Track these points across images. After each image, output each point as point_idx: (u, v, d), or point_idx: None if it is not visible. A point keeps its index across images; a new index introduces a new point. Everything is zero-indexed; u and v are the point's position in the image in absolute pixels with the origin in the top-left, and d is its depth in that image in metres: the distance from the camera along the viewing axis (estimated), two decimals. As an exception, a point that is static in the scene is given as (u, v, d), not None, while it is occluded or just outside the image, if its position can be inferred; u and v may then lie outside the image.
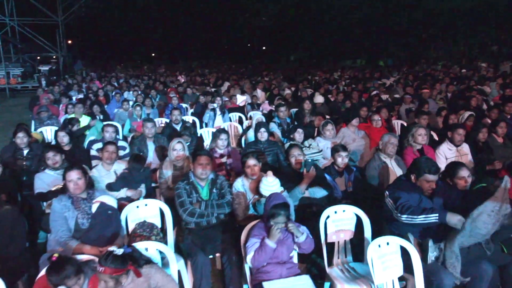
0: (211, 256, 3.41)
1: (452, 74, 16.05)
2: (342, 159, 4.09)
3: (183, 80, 16.35)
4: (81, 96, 11.32)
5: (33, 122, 10.18)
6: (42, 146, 5.08)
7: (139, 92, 11.06)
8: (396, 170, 4.27)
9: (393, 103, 9.10)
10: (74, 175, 3.18)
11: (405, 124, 7.04)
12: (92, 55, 39.87)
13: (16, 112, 14.94)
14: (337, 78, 18.15)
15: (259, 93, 11.45)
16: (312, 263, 3.53)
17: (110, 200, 3.29)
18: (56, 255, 2.45)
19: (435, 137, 6.09)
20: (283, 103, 6.94)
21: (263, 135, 5.04)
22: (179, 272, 3.07)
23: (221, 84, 15.23)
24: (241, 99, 9.58)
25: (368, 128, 5.84)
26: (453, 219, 2.77)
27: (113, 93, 10.84)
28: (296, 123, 6.56)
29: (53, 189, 3.88)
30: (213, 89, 13.20)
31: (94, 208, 3.20)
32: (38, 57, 24.83)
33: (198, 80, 17.76)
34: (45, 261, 2.86)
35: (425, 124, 5.80)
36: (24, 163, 4.78)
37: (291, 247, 2.94)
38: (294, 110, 8.39)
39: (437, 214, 2.82)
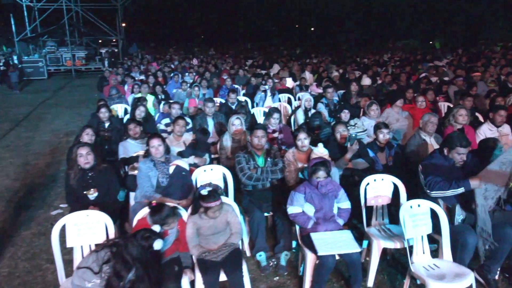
0: (265, 214, 4.02)
1: (510, 56, 15.41)
2: (383, 135, 4.51)
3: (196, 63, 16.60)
4: (142, 77, 12.28)
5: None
6: (120, 120, 5.92)
7: (194, 74, 11.86)
8: (435, 147, 4.62)
9: (441, 85, 9.16)
10: (155, 142, 3.89)
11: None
12: (147, 38, 41.42)
13: (82, 92, 16.34)
14: (387, 61, 17.98)
15: (308, 75, 11.83)
16: (353, 227, 4.06)
17: (183, 164, 3.98)
18: (154, 201, 3.15)
19: (481, 119, 6.26)
20: (330, 84, 7.35)
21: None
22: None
23: (270, 66, 15.70)
24: (290, 82, 10.05)
25: (412, 109, 6.14)
26: (475, 183, 3.17)
27: (171, 74, 11.71)
28: (342, 103, 6.96)
29: (134, 155, 4.66)
30: (263, 71, 13.72)
31: (171, 169, 3.90)
32: (100, 41, 26.46)
33: (242, 62, 18.31)
34: (136, 209, 3.61)
35: (469, 106, 5.99)
36: (106, 134, 5.61)
37: (332, 201, 3.47)
38: (341, 91, 8.76)
39: (462, 188, 3.23)
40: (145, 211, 3.28)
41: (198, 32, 53.96)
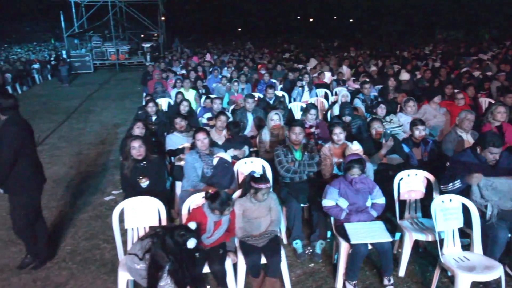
0: (302, 205, 4.27)
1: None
2: (419, 132, 4.61)
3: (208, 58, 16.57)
4: (183, 71, 12.76)
5: (144, 95, 11.87)
6: (167, 114, 6.34)
7: (233, 68, 12.18)
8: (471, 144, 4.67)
9: (484, 81, 8.97)
10: (201, 135, 4.22)
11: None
12: (185, 31, 42.26)
13: (126, 85, 17.11)
14: (428, 54, 17.54)
15: (345, 69, 11.86)
16: (386, 220, 4.23)
17: (226, 156, 4.30)
18: (211, 190, 3.47)
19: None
20: (367, 80, 7.43)
21: (346, 118, 5.70)
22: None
23: (307, 60, 15.75)
24: (328, 77, 10.15)
25: (450, 106, 6.14)
26: (470, 179, 3.35)
27: (211, 69, 12.10)
28: (379, 99, 7.04)
29: (180, 147, 5.03)
30: (300, 66, 13.83)
31: (215, 161, 4.22)
32: (142, 35, 27.40)
33: (280, 56, 18.40)
34: (183, 197, 3.96)
35: (510, 103, 5.92)
36: (153, 127, 6.03)
37: (366, 196, 3.66)
38: (379, 86, 8.79)
39: (459, 180, 3.45)
40: (197, 200, 3.62)
41: (235, 24, 54.40)
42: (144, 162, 4.09)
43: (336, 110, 6.72)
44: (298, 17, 55.88)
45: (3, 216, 5.03)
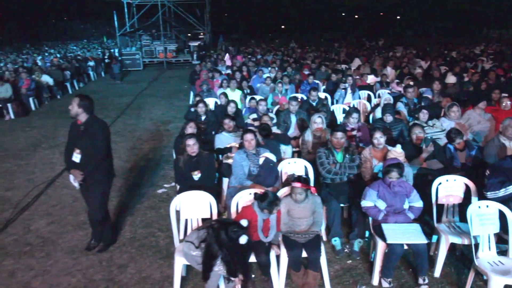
0: (342, 205, 4.50)
1: None
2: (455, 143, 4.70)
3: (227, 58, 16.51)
4: (228, 71, 13.20)
5: (191, 94, 12.43)
6: (215, 114, 6.76)
7: (277, 68, 12.46)
8: (514, 151, 4.69)
9: (536, 85, 8.70)
10: (249, 136, 4.57)
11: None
12: (230, 30, 42.96)
13: (173, 83, 17.83)
14: (479, 54, 16.94)
15: (389, 71, 11.78)
16: (425, 223, 4.38)
17: (272, 156, 4.61)
18: (262, 191, 3.81)
19: None
20: (411, 84, 7.47)
21: (388, 118, 5.84)
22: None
23: (351, 60, 15.72)
24: (371, 79, 10.20)
25: (496, 111, 6.10)
26: None
27: (255, 69, 12.45)
28: (423, 103, 7.07)
29: (228, 146, 5.41)
30: (343, 66, 13.86)
31: (261, 161, 4.55)
32: (189, 34, 28.27)
33: (323, 56, 18.38)
34: (231, 192, 4.33)
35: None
36: (202, 126, 6.45)
37: (403, 199, 3.85)
38: (423, 89, 8.73)
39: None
40: (245, 197, 3.98)
41: (278, 22, 54.55)
42: (197, 158, 4.50)
43: (378, 113, 6.84)
44: (343, 14, 55.16)
45: (70, 204, 5.65)
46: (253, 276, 3.86)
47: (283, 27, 54.82)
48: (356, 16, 54.96)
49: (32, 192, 6.01)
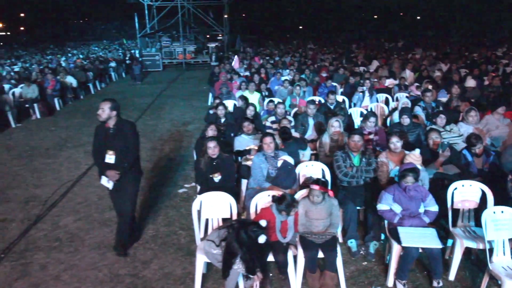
0: (358, 207, 4.60)
1: None
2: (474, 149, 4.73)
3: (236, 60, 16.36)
4: (247, 73, 13.38)
5: (210, 95, 12.65)
6: (233, 116, 6.93)
7: (295, 71, 12.57)
8: (532, 158, 4.71)
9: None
10: (268, 140, 4.71)
11: None
12: (248, 31, 43.13)
13: (192, 84, 18.10)
14: (501, 56, 16.64)
15: (408, 73, 11.73)
16: (440, 227, 4.44)
17: (290, 159, 4.75)
18: (279, 193, 3.95)
19: None
20: (429, 88, 7.49)
21: (405, 121, 5.90)
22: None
23: (369, 62, 15.68)
24: (389, 82, 10.21)
25: (515, 116, 6.10)
26: None
27: (273, 72, 12.59)
28: (441, 108, 7.08)
29: (247, 148, 5.56)
30: (361, 68, 13.87)
31: (279, 163, 4.69)
32: (207, 35, 28.59)
33: (341, 57, 18.34)
34: (250, 193, 4.48)
35: None
36: (222, 128, 6.62)
37: (419, 203, 3.93)
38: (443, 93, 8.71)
39: None
40: (264, 198, 4.13)
41: (297, 23, 54.51)
42: (217, 160, 4.67)
43: (396, 117, 6.89)
44: (363, 14, 54.76)
45: (95, 201, 5.90)
46: (270, 275, 4.00)
47: (301, 27, 54.80)
48: (375, 16, 54.52)
49: (60, 190, 6.29)
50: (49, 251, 4.60)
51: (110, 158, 4.15)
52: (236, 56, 18.16)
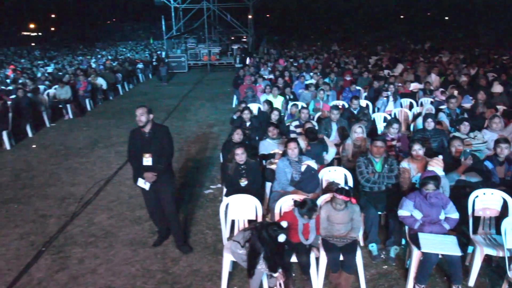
0: (379, 213, 4.72)
1: None
2: (501, 150, 4.76)
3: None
4: (271, 76, 13.55)
5: (234, 97, 12.90)
6: (258, 120, 7.14)
7: (318, 74, 12.66)
8: (557, 167, 4.71)
9: None
10: (292, 145, 4.89)
11: None
12: (272, 33, 43.19)
13: (217, 85, 18.40)
14: (533, 59, 16.22)
15: (433, 77, 11.62)
16: (462, 233, 4.51)
17: (313, 164, 4.91)
18: (301, 198, 4.14)
19: None
20: (454, 95, 7.48)
21: (429, 125, 5.96)
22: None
23: (394, 65, 15.55)
24: (414, 86, 10.19)
25: (542, 124, 6.05)
26: None
27: (297, 75, 12.73)
28: (465, 114, 7.08)
29: (272, 152, 5.76)
30: (385, 71, 13.79)
31: (303, 168, 4.87)
32: (232, 37, 28.96)
33: (366, 60, 18.22)
34: (274, 196, 4.68)
35: None
36: (247, 132, 6.84)
37: (439, 210, 4.02)
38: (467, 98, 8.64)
39: None
40: (288, 202, 4.31)
41: (321, 23, 54.24)
42: (244, 166, 4.88)
43: (419, 123, 6.93)
44: (388, 13, 53.97)
45: (127, 200, 6.22)
46: (293, 275, 4.18)
47: (325, 28, 54.52)
48: (402, 16, 53.67)
49: (93, 188, 6.66)
50: (86, 246, 4.92)
51: (147, 160, 4.41)
52: (248, 58, 18.39)
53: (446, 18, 49.80)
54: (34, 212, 5.89)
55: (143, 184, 4.47)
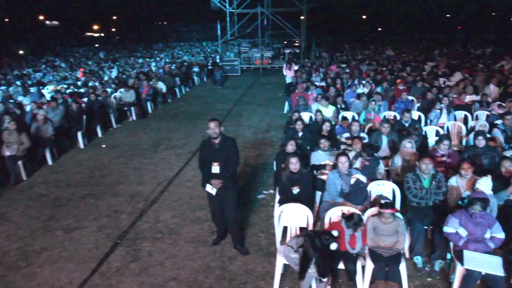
0: (425, 227, 4.93)
1: None
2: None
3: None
4: (323, 83, 13.76)
5: (286, 104, 13.27)
6: (310, 130, 7.50)
7: (371, 82, 12.69)
8: None
9: None
10: (343, 159, 5.22)
11: None
12: (324, 36, 42.95)
13: (268, 90, 18.82)
14: None
15: (492, 88, 11.26)
16: (510, 252, 4.61)
17: (362, 177, 5.22)
18: (349, 211, 4.48)
19: None
20: (511, 111, 7.37)
21: (480, 142, 6.02)
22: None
23: (451, 73, 15.11)
24: (469, 98, 10.00)
25: None
26: None
27: (349, 83, 12.86)
28: (522, 130, 6.98)
29: (323, 163, 6.11)
30: (441, 80, 13.47)
31: (352, 181, 5.18)
32: (284, 42, 29.37)
33: (421, 66, 17.74)
34: (324, 206, 5.05)
35: None
36: (299, 141, 7.22)
37: (485, 229, 4.19)
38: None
39: None
40: (337, 212, 4.66)
41: (375, 25, 53.12)
42: (297, 175, 5.28)
43: (472, 139, 6.94)
44: (448, 15, 51.81)
45: (187, 201, 6.84)
46: (340, 280, 4.52)
47: (380, 29, 53.34)
48: (462, 17, 51.28)
49: (157, 188, 7.35)
50: (154, 241, 5.57)
51: (215, 168, 4.95)
52: (285, 65, 18.57)
53: (512, 19, 46.88)
54: (108, 207, 6.66)
55: (211, 189, 5.00)
